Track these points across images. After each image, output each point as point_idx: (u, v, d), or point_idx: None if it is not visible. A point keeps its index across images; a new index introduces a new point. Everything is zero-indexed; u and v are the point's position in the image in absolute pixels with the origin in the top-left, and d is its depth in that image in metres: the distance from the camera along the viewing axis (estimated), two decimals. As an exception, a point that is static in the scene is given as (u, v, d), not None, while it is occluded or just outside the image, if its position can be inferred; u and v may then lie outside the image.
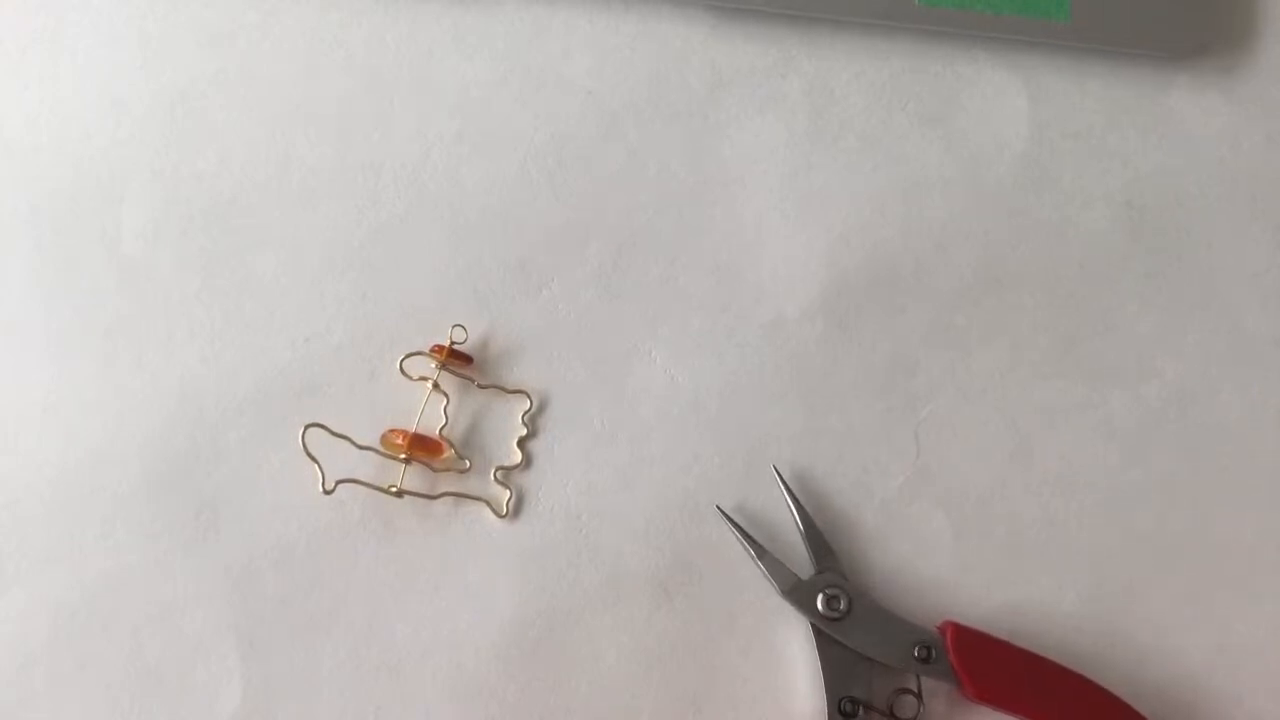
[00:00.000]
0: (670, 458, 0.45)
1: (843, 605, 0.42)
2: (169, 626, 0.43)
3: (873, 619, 0.42)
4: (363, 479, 0.43)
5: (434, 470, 0.44)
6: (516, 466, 0.44)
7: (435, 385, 0.44)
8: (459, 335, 0.45)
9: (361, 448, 0.43)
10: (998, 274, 0.47)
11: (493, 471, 0.44)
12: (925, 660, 0.42)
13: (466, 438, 0.45)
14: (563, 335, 0.45)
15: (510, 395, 0.45)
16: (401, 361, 0.45)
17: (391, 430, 0.44)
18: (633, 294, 0.46)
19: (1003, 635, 0.43)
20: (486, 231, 0.46)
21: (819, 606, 0.42)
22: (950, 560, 0.44)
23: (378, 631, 0.43)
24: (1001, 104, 0.48)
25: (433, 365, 0.44)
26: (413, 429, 0.44)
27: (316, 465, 0.43)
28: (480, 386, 0.45)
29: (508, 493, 0.44)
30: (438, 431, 0.44)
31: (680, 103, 0.47)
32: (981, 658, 0.42)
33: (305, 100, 0.46)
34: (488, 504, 0.44)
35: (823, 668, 0.42)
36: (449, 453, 0.44)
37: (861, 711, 0.42)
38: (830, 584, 0.43)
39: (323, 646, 0.43)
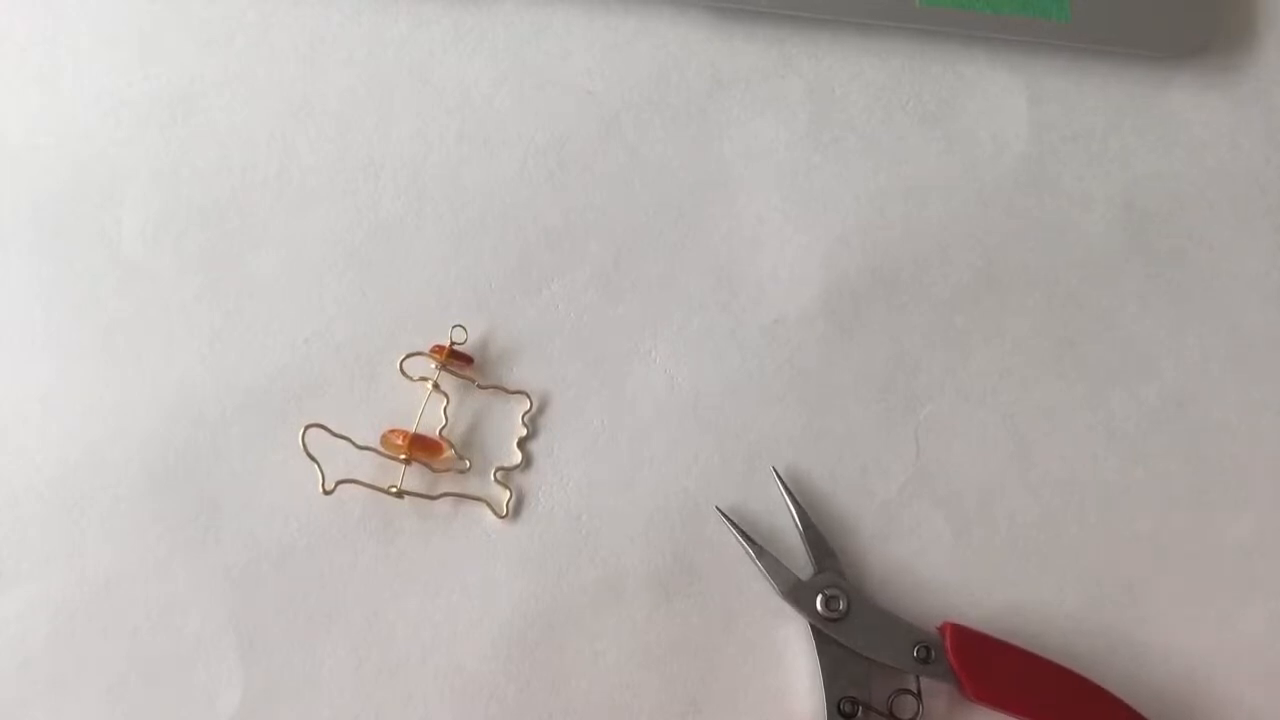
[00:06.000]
0: (670, 458, 0.45)
1: (842, 606, 0.42)
2: (169, 626, 0.43)
3: (872, 619, 0.42)
4: (363, 479, 0.43)
5: (434, 470, 0.44)
6: (516, 466, 0.44)
7: (435, 385, 0.44)
8: (459, 335, 0.45)
9: (361, 448, 0.43)
10: (998, 274, 0.47)
11: (493, 471, 0.44)
12: (925, 661, 0.42)
13: (466, 438, 0.45)
14: (563, 335, 0.45)
15: (510, 395, 0.45)
16: (401, 361, 0.45)
17: (391, 430, 0.44)
18: (633, 294, 0.46)
19: (1003, 636, 0.43)
20: (486, 231, 0.46)
21: (818, 607, 0.42)
22: (950, 560, 0.44)
23: (378, 631, 0.43)
24: (1001, 104, 0.48)
25: (433, 365, 0.44)
26: (413, 429, 0.44)
27: (316, 465, 0.43)
28: (480, 387, 0.45)
29: (508, 493, 0.44)
30: (438, 432, 0.44)
31: (680, 103, 0.47)
32: (981, 658, 0.42)
33: (305, 100, 0.46)
34: (488, 504, 0.44)
35: (822, 668, 0.42)
36: (449, 453, 0.44)
37: (861, 712, 0.42)
38: (830, 584, 0.43)
39: (323, 646, 0.43)
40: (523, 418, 0.45)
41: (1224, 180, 0.48)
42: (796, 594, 0.43)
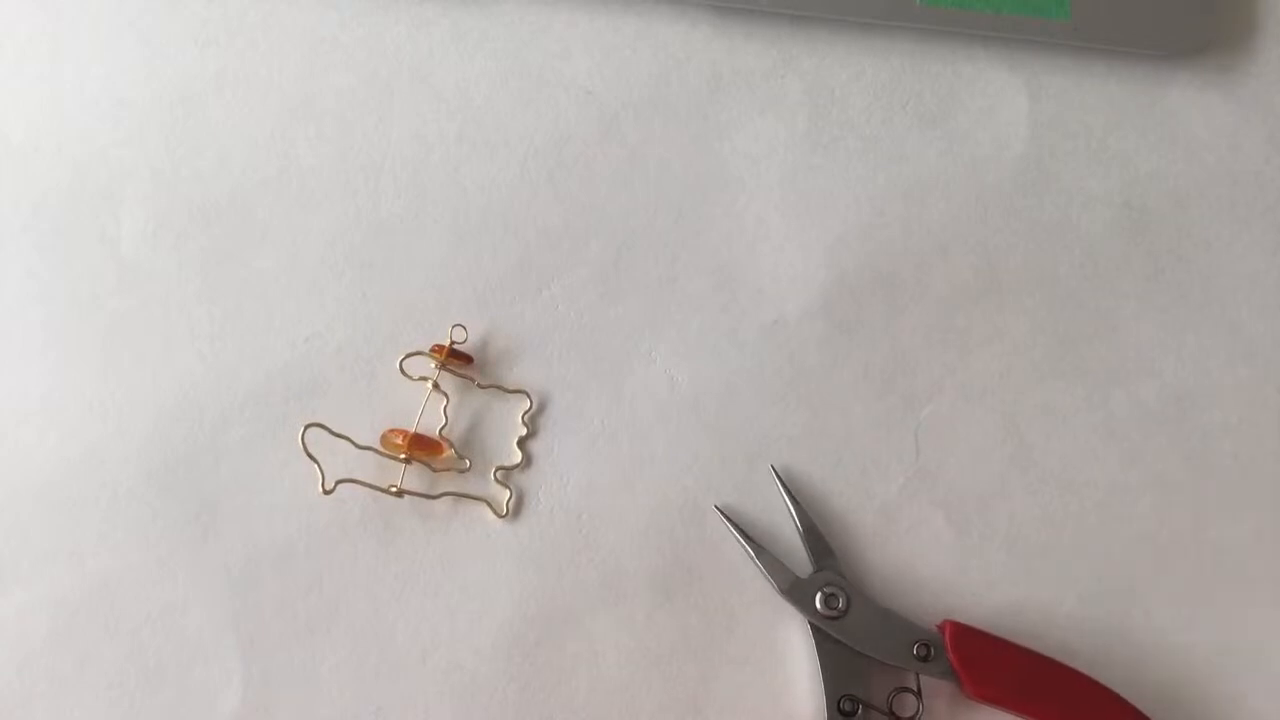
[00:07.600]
0: (670, 458, 0.45)
1: (841, 604, 0.42)
2: (169, 626, 0.43)
3: (872, 617, 0.42)
4: (363, 479, 0.43)
5: (434, 470, 0.44)
6: (516, 466, 0.44)
7: (435, 385, 0.44)
8: (459, 335, 0.45)
9: (361, 448, 0.43)
10: (997, 274, 0.47)
11: (493, 471, 0.44)
12: (925, 659, 0.42)
13: (466, 438, 0.45)
14: (563, 335, 0.45)
15: (510, 395, 0.45)
16: (401, 361, 0.45)
17: (391, 430, 0.44)
18: (633, 294, 0.46)
19: (1003, 635, 0.43)
20: (486, 231, 0.46)
21: (817, 605, 0.42)
22: (950, 560, 0.44)
23: (378, 631, 0.43)
24: (1001, 104, 0.48)
25: (433, 365, 0.44)
26: (413, 429, 0.44)
27: (316, 465, 0.43)
28: (480, 386, 0.45)
29: (508, 493, 0.44)
30: (438, 431, 0.44)
31: (680, 103, 0.47)
32: (981, 656, 0.42)
33: (305, 100, 0.46)
34: (488, 504, 0.44)
35: (822, 667, 0.42)
36: (449, 453, 0.44)
37: (861, 710, 0.42)
38: (828, 582, 0.43)
39: (323, 646, 0.43)
40: (523, 417, 0.45)
41: (1224, 180, 0.48)
42: (795, 592, 0.43)
